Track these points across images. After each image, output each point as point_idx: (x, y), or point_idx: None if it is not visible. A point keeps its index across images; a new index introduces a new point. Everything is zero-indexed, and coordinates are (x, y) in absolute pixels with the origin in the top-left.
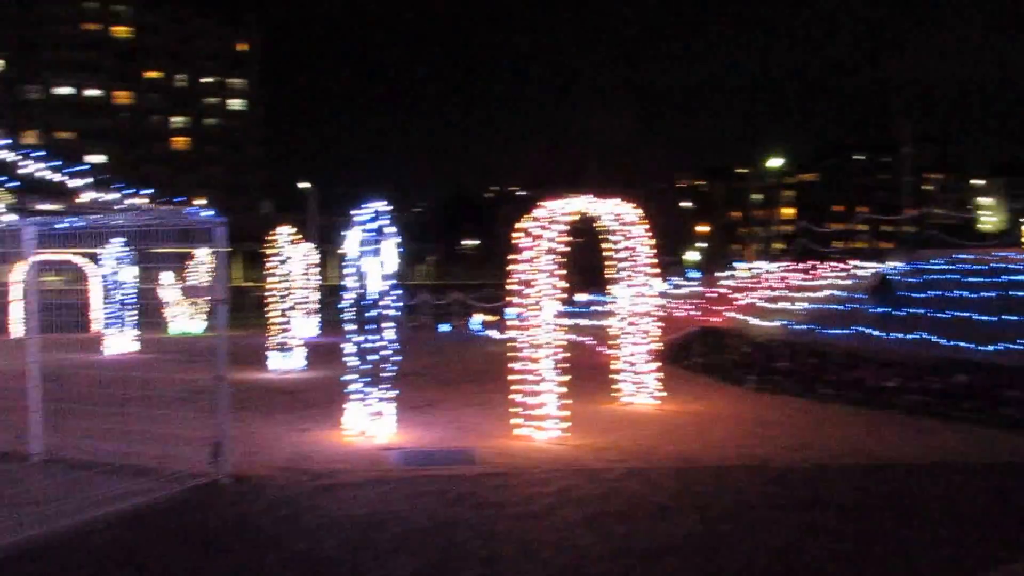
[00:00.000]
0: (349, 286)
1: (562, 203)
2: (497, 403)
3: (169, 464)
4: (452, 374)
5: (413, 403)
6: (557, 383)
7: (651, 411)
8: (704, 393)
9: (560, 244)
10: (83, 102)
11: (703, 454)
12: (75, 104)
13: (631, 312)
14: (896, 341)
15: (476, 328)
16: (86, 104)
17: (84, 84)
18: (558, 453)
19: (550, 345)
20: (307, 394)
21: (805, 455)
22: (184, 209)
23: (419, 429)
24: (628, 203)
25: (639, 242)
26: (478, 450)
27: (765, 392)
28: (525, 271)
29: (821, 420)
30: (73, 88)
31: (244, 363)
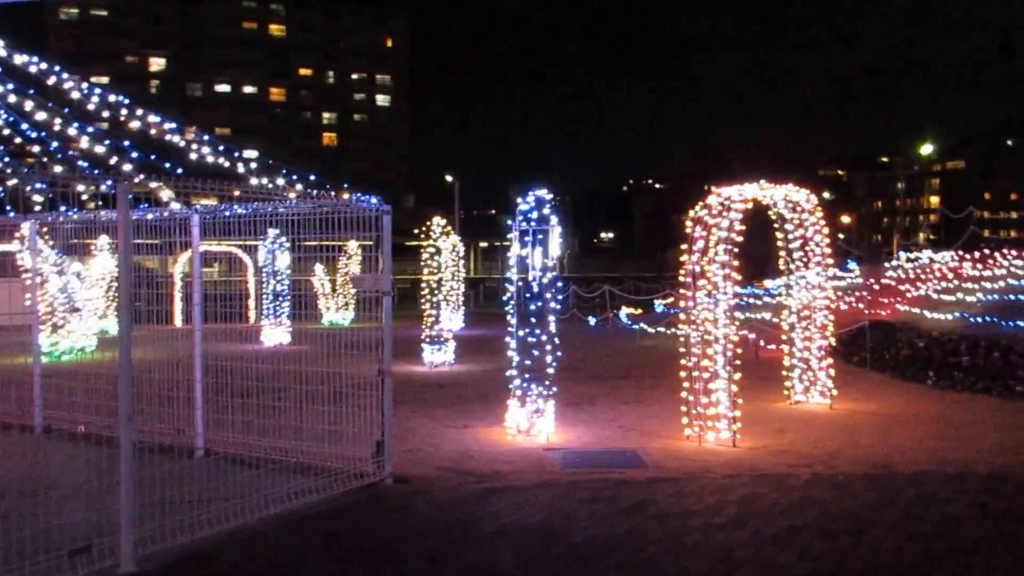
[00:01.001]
0: (513, 278)
1: (736, 189)
2: (656, 400)
3: (330, 462)
4: (606, 369)
5: (570, 400)
6: (730, 381)
7: (824, 410)
8: (879, 391)
9: (735, 233)
10: (239, 99)
11: (892, 458)
12: (232, 101)
13: (804, 305)
14: None
15: (625, 321)
16: (242, 100)
17: (241, 81)
18: (732, 456)
19: (723, 340)
20: (461, 388)
21: (1009, 460)
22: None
23: (579, 428)
24: (803, 189)
25: (814, 231)
26: (644, 451)
27: (946, 389)
28: (697, 262)
29: (1015, 420)
30: (230, 85)
31: (397, 356)
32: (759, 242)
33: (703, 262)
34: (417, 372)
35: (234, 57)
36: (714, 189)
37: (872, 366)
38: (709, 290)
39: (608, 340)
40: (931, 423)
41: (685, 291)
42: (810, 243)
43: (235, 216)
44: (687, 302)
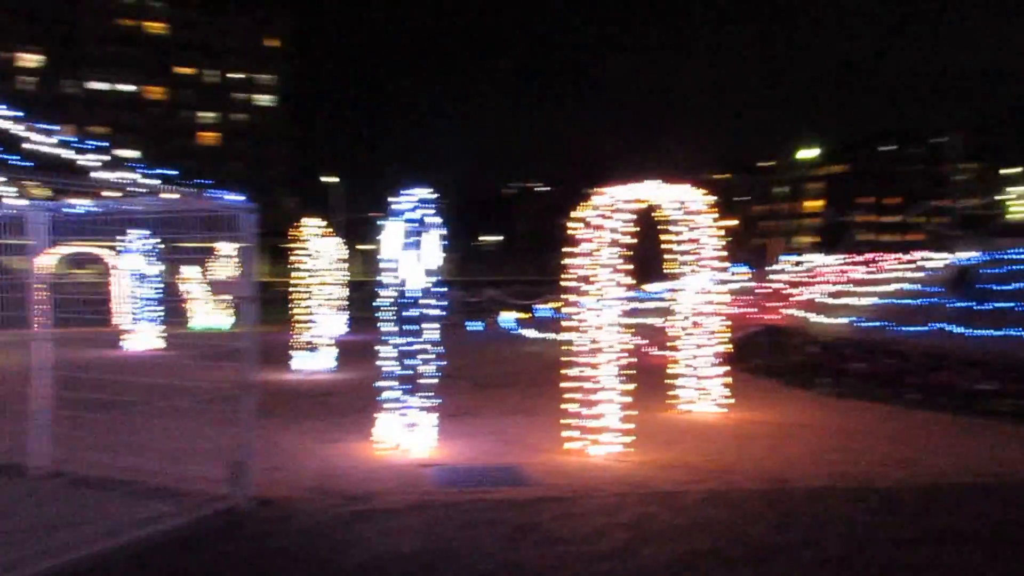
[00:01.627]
0: (387, 282)
1: (626, 189)
2: (543, 411)
3: (187, 483)
4: (490, 377)
5: (450, 410)
6: (619, 391)
7: (716, 420)
8: (772, 399)
9: (625, 235)
10: (117, 97)
11: (789, 472)
12: (109, 99)
13: (695, 310)
14: (983, 339)
15: (508, 326)
16: (120, 99)
17: (118, 79)
18: (621, 471)
19: (612, 348)
20: (336, 398)
21: (909, 473)
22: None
23: (460, 441)
24: (695, 189)
25: (705, 233)
26: (528, 467)
27: (839, 396)
28: (584, 266)
29: (913, 430)
30: (107, 83)
31: (268, 363)
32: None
33: (590, 265)
34: (290, 381)
35: (112, 55)
36: (602, 189)
37: (763, 373)
38: (597, 295)
39: (492, 346)
40: (826, 433)
41: (571, 296)
42: (701, 246)
43: (88, 214)
44: (573, 307)
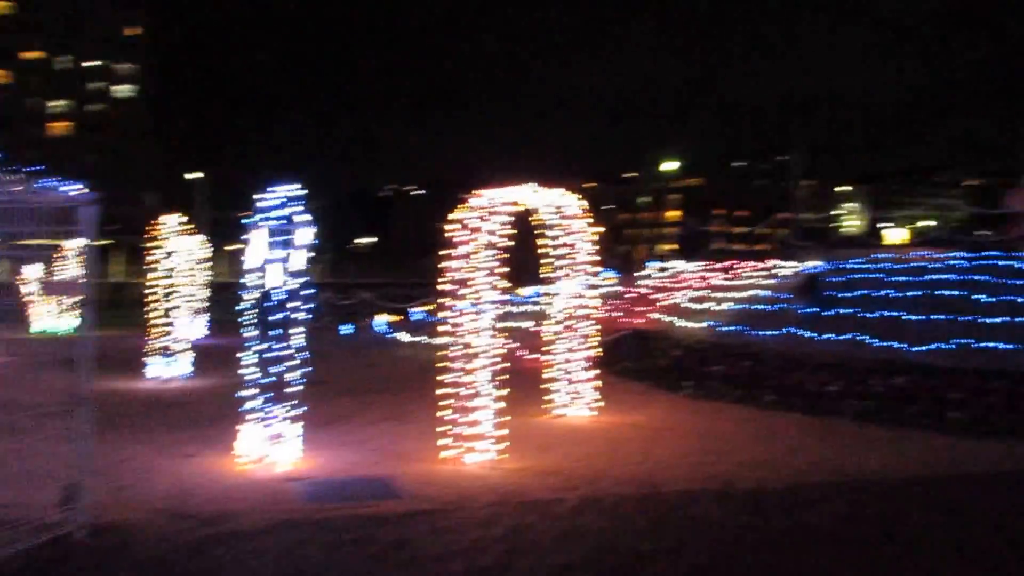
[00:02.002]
0: (250, 284)
1: (502, 192)
2: (415, 418)
3: (16, 509)
4: (362, 383)
5: (318, 419)
6: (494, 397)
7: (589, 424)
8: (640, 402)
9: (501, 238)
10: None
11: (659, 476)
12: None
13: (568, 314)
14: (828, 342)
15: (382, 329)
16: None
17: None
18: (496, 480)
19: (487, 353)
20: (194, 407)
21: (769, 474)
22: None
23: (327, 452)
24: (569, 194)
25: (580, 237)
26: (401, 479)
27: (703, 399)
28: (460, 268)
29: (770, 431)
30: None
31: (120, 370)
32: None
33: (466, 268)
34: (143, 389)
35: None
36: (480, 192)
37: (632, 376)
38: (472, 298)
39: (364, 350)
40: (692, 436)
41: (446, 299)
42: (575, 250)
43: None
44: (448, 311)
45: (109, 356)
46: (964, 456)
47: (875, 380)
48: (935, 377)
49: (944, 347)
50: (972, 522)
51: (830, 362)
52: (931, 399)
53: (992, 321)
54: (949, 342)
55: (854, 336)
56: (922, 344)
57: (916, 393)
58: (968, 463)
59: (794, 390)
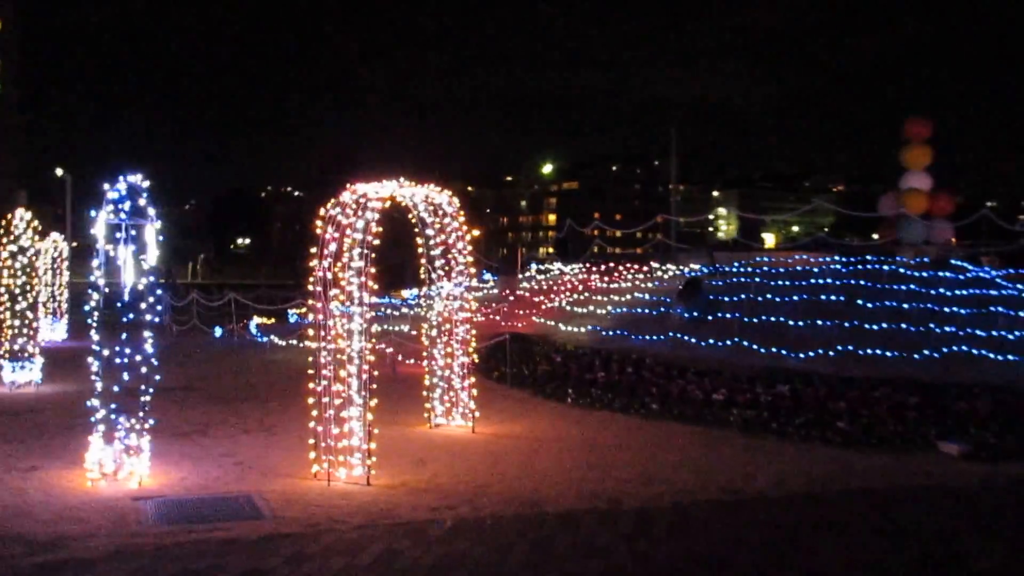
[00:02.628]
0: (99, 283)
1: (373, 186)
2: (284, 428)
3: None
4: (228, 389)
5: (178, 428)
6: (366, 407)
7: (466, 435)
8: (520, 410)
9: (372, 236)
10: None
11: (541, 493)
12: None
13: (445, 318)
14: (712, 348)
15: (254, 333)
16: None
17: None
18: (366, 498)
19: (358, 360)
20: (42, 416)
21: (655, 491)
22: None
23: (185, 466)
24: (444, 191)
25: (456, 237)
26: (264, 496)
27: (585, 407)
28: (329, 268)
29: (655, 442)
30: None
31: None
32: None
33: (336, 268)
34: None
35: None
36: (349, 186)
37: (512, 383)
38: (342, 300)
39: (234, 354)
40: (575, 448)
41: (315, 301)
42: (452, 250)
43: None
44: (317, 314)
45: None
46: (852, 469)
47: (760, 388)
48: (820, 385)
49: (827, 353)
50: (866, 542)
51: (715, 369)
52: (817, 408)
53: (873, 327)
54: (832, 348)
55: (737, 342)
56: (805, 350)
57: (801, 402)
58: (857, 477)
59: (678, 398)
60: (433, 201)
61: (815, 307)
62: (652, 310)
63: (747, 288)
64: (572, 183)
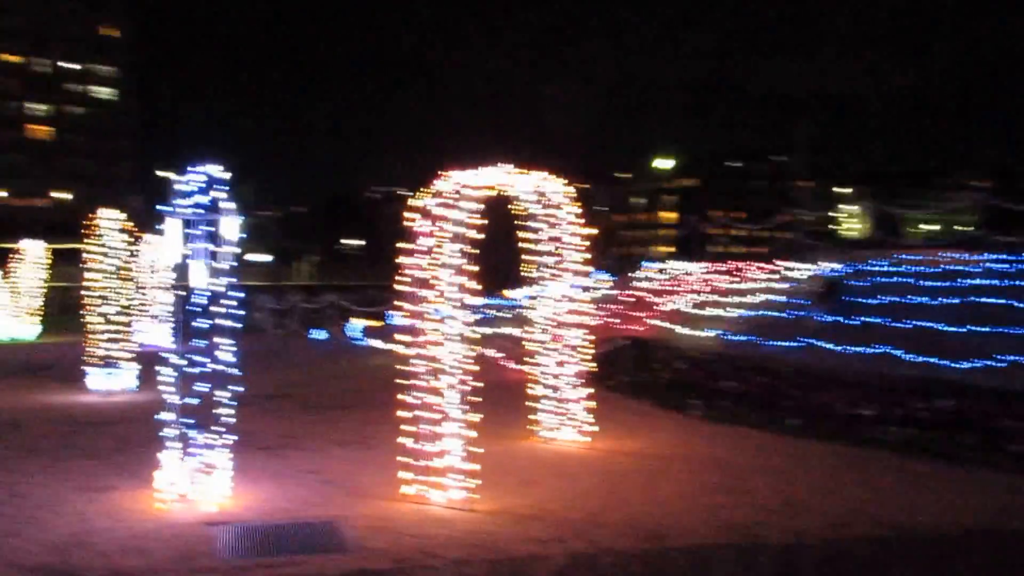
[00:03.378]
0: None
1: (472, 174)
2: (381, 440)
3: None
4: (323, 396)
5: (267, 440)
6: (464, 423)
7: (581, 451)
8: (641, 424)
9: (472, 229)
10: None
11: (666, 523)
12: None
13: (555, 321)
14: (855, 356)
15: (355, 336)
16: None
17: None
18: (465, 526)
19: (456, 370)
20: (127, 427)
21: (800, 523)
22: None
23: (266, 484)
24: (554, 179)
25: (568, 231)
26: (352, 521)
27: (714, 421)
28: (422, 266)
29: (796, 463)
30: None
31: (62, 380)
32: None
33: (430, 265)
34: (81, 403)
35: None
36: (444, 173)
37: (631, 392)
38: (437, 301)
39: (335, 358)
40: (703, 468)
41: (407, 303)
42: (563, 246)
43: None
44: (409, 318)
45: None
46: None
47: (917, 403)
48: (986, 401)
49: (990, 364)
50: None
51: (857, 379)
52: (985, 428)
53: None
54: (995, 358)
55: (883, 349)
56: (963, 359)
57: (966, 420)
58: None
59: (821, 412)
60: (542, 190)
61: (971, 311)
62: (785, 313)
63: (891, 289)
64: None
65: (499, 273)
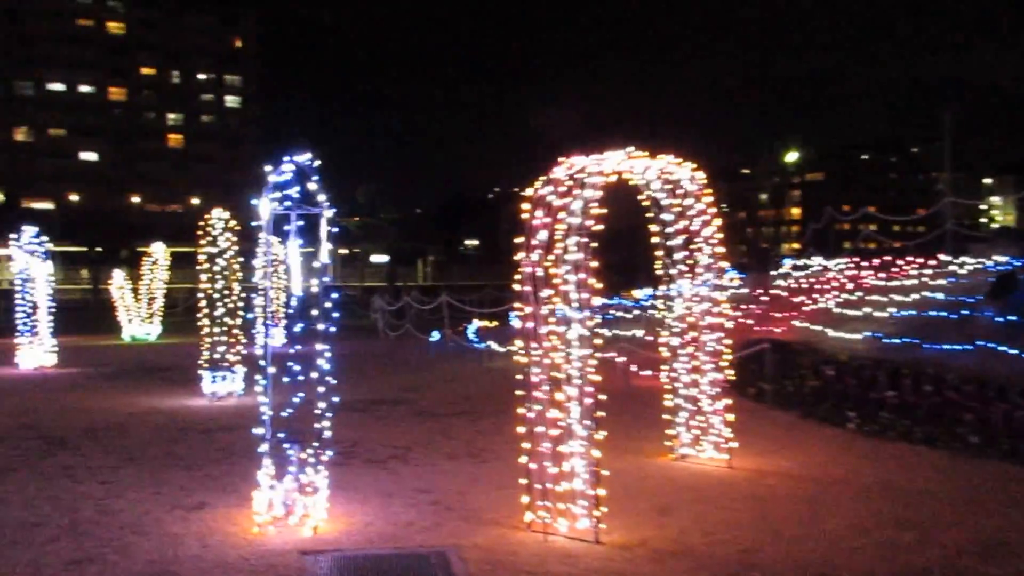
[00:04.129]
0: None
1: (593, 159)
2: (497, 454)
3: None
4: (438, 403)
5: (375, 452)
6: (590, 440)
7: (722, 472)
8: (788, 438)
9: (592, 220)
10: (76, 98)
11: (833, 563)
12: (67, 100)
13: (690, 323)
14: None
15: (473, 338)
16: (78, 100)
17: (77, 80)
18: (594, 562)
19: (581, 380)
20: (233, 435)
21: (1006, 569)
22: None
23: (373, 504)
24: (685, 164)
25: (701, 222)
26: (463, 553)
27: (872, 436)
28: (538, 261)
29: (983, 489)
30: (65, 84)
31: (176, 382)
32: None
33: (547, 261)
34: (192, 408)
35: (68, 55)
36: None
37: (773, 401)
38: (557, 301)
39: (450, 361)
40: (871, 495)
41: (522, 304)
42: (697, 239)
43: None
44: (526, 321)
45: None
46: None
47: None
48: None
49: None
50: None
51: None
52: None
53: None
54: None
55: None
56: None
57: None
58: None
59: (1007, 428)
60: (670, 177)
61: None
62: (950, 312)
63: None
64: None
65: (625, 271)
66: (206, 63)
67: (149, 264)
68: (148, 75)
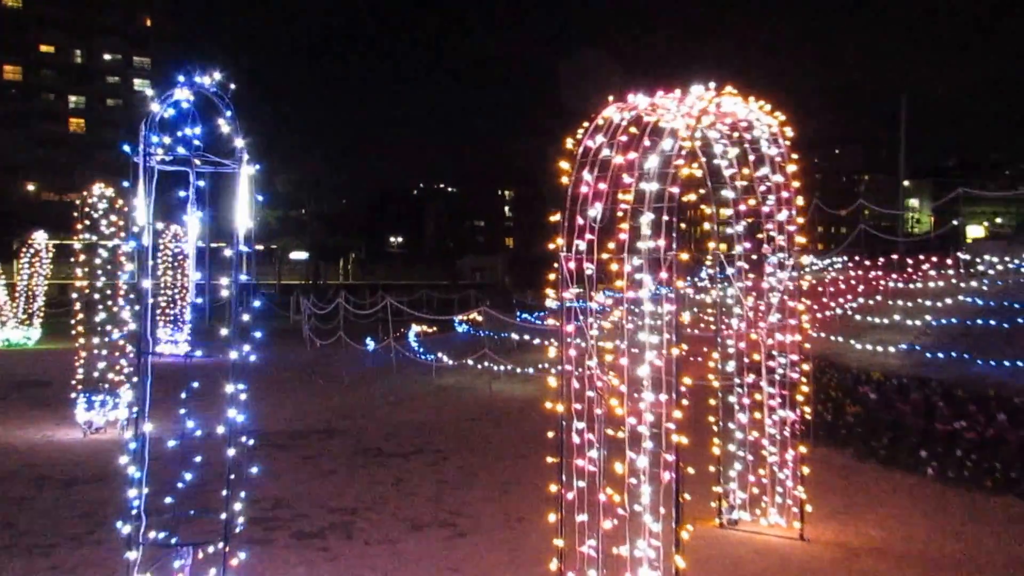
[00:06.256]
0: None
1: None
2: (476, 515)
3: None
4: (385, 434)
5: (307, 520)
6: None
7: (794, 547)
8: (859, 492)
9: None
10: None
11: None
12: None
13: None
14: None
15: (416, 347)
16: None
17: None
18: None
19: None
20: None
21: None
22: None
23: None
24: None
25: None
26: None
27: (963, 486)
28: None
29: None
30: None
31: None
32: None
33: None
34: (59, 444)
35: None
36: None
37: (814, 436)
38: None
39: (392, 376)
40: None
41: (558, 298)
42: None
43: None
44: (561, 320)
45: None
46: None
47: None
48: None
49: None
50: None
51: None
52: None
53: None
54: None
55: None
56: None
57: None
58: None
59: None
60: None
61: None
62: (1000, 320)
63: None
64: None
65: None
66: (112, 42)
67: (29, 257)
68: (47, 53)
